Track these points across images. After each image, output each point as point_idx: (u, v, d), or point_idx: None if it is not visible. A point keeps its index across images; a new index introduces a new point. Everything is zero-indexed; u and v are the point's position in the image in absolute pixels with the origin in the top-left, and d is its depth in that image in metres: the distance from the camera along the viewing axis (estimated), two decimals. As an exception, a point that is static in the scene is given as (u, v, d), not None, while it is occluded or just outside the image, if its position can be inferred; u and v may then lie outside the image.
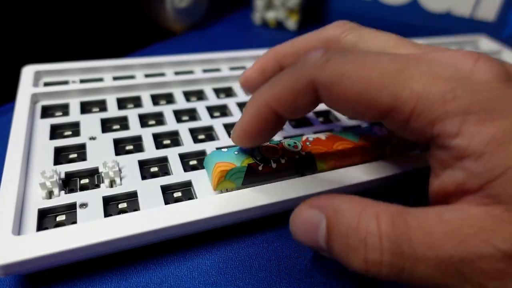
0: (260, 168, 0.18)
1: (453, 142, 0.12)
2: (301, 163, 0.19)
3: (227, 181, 0.17)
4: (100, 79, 0.26)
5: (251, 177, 0.18)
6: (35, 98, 0.23)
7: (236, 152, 0.18)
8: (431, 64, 0.13)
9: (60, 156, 0.20)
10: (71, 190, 0.18)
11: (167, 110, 0.24)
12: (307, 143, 0.19)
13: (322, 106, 0.26)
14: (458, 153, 0.12)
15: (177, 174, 0.19)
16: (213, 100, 0.25)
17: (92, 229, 0.15)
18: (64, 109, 0.23)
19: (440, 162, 0.13)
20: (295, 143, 0.19)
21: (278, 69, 0.19)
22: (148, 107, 0.24)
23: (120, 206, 0.18)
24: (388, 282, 0.12)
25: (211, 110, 0.25)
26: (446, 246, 0.11)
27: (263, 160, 0.18)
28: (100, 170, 0.19)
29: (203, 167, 0.19)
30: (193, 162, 0.21)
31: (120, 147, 0.21)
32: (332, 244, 0.13)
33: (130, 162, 0.19)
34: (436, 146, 0.13)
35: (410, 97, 0.13)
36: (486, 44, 0.38)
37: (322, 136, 0.20)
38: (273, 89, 0.15)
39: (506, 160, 0.11)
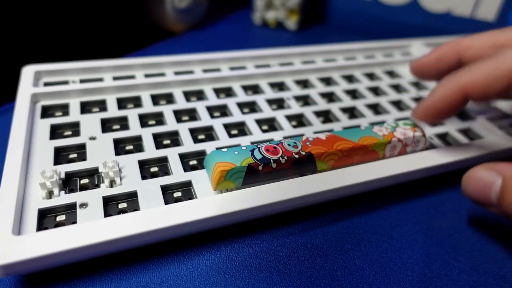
0: (260, 168, 0.18)
1: None
2: (301, 163, 0.19)
3: (227, 181, 0.17)
4: (100, 79, 0.26)
5: (251, 177, 0.18)
6: (35, 98, 0.23)
7: (236, 152, 0.18)
8: None
9: (60, 156, 0.20)
10: (71, 190, 0.18)
11: (167, 110, 0.24)
12: (307, 143, 0.19)
13: (322, 107, 0.26)
14: None
15: (177, 174, 0.19)
16: (213, 100, 0.25)
17: (92, 229, 0.15)
18: (64, 109, 0.23)
19: None
20: (295, 143, 0.19)
21: (456, 59, 0.21)
22: (148, 107, 0.24)
23: (120, 206, 0.18)
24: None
25: (211, 110, 0.25)
26: None
27: (263, 160, 0.18)
28: (100, 170, 0.19)
29: (203, 167, 0.19)
30: (193, 162, 0.21)
31: (120, 147, 0.21)
32: (504, 200, 0.15)
33: (130, 162, 0.19)
34: None
35: None
36: (486, 44, 0.38)
37: (322, 136, 0.20)
38: (471, 74, 0.17)
39: None
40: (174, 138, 0.22)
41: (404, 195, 0.22)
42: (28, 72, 0.25)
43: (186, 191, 0.19)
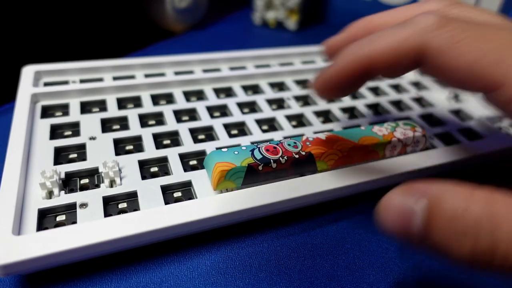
0: (260, 168, 0.18)
1: None
2: (301, 163, 0.19)
3: (227, 181, 0.17)
4: (100, 79, 0.26)
5: (251, 177, 0.18)
6: (35, 98, 0.23)
7: (236, 152, 0.18)
8: None
9: (60, 156, 0.20)
10: (71, 190, 0.18)
11: (167, 110, 0.24)
12: (307, 143, 0.19)
13: (322, 107, 0.26)
14: None
15: (177, 174, 0.19)
16: (213, 100, 0.25)
17: (92, 229, 0.15)
18: (64, 109, 0.23)
19: None
20: (295, 143, 0.19)
21: None
22: (148, 107, 0.24)
23: (120, 206, 0.18)
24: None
25: (211, 110, 0.25)
26: None
27: (263, 160, 0.18)
28: (100, 170, 0.19)
29: (203, 167, 0.19)
30: (193, 162, 0.21)
31: (120, 147, 0.21)
32: (431, 231, 0.11)
33: (130, 162, 0.19)
34: None
35: None
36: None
37: (322, 136, 0.20)
38: (375, 44, 0.14)
39: None
40: (174, 138, 0.22)
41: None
42: (28, 72, 0.25)
43: (186, 191, 0.19)
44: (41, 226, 0.16)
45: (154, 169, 0.20)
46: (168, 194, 0.18)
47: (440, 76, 0.14)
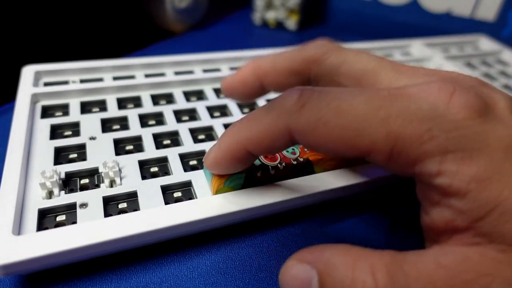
0: (258, 174, 0.18)
1: (436, 181, 0.12)
2: (299, 169, 0.19)
3: (226, 188, 0.17)
4: (100, 79, 0.26)
5: (249, 184, 0.18)
6: (35, 98, 0.23)
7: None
8: (407, 102, 0.13)
9: (60, 156, 0.20)
10: (71, 190, 0.18)
11: (167, 110, 0.24)
12: (305, 149, 0.19)
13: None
14: (443, 191, 0.12)
15: (177, 174, 0.19)
16: (213, 100, 0.25)
17: (92, 229, 0.15)
18: (64, 109, 0.23)
19: (428, 199, 0.13)
20: (293, 149, 0.19)
21: (258, 84, 0.19)
22: (148, 107, 0.24)
23: (120, 206, 0.18)
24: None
25: (211, 110, 0.25)
26: None
27: (261, 167, 0.18)
28: (100, 170, 0.19)
29: (203, 167, 0.19)
30: (193, 162, 0.21)
31: (120, 147, 0.21)
32: None
33: (130, 162, 0.19)
34: (421, 183, 0.13)
35: (387, 140, 0.12)
36: (486, 44, 0.38)
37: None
38: (250, 132, 0.15)
39: (491, 198, 0.11)
40: (174, 138, 0.22)
41: (404, 195, 0.22)
42: (28, 72, 0.25)
43: (186, 191, 0.19)
44: (41, 226, 0.16)
45: (154, 169, 0.20)
46: (168, 194, 0.18)
47: (317, 151, 0.15)
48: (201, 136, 0.23)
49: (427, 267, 0.12)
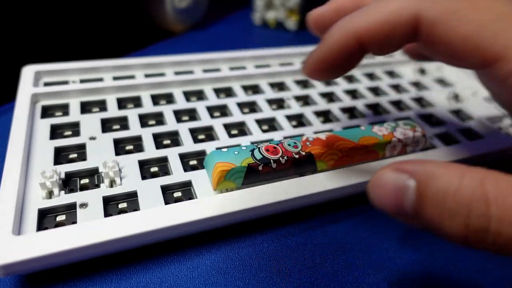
0: (260, 168, 0.18)
1: None
2: (301, 163, 0.19)
3: (227, 181, 0.17)
4: (100, 79, 0.26)
5: (251, 177, 0.18)
6: (35, 98, 0.23)
7: (236, 152, 0.18)
8: None
9: (60, 156, 0.20)
10: (71, 190, 0.18)
11: (167, 110, 0.24)
12: (307, 143, 0.19)
13: (322, 107, 0.26)
14: None
15: (177, 174, 0.19)
16: (213, 100, 0.25)
17: (92, 229, 0.15)
18: (64, 109, 0.23)
19: None
20: (295, 143, 0.19)
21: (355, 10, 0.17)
22: (148, 107, 0.24)
23: (120, 206, 0.18)
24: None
25: (211, 110, 0.25)
26: None
27: (263, 160, 0.18)
28: (100, 170, 0.19)
29: (203, 167, 0.19)
30: (193, 162, 0.21)
31: (120, 147, 0.21)
32: (423, 209, 0.12)
33: (130, 162, 0.19)
34: None
35: None
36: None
37: (322, 136, 0.20)
38: (366, 18, 0.13)
39: None
40: (174, 138, 0.22)
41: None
42: (28, 72, 0.25)
43: (186, 191, 0.19)
44: (41, 226, 0.16)
45: (154, 169, 0.20)
46: (168, 194, 0.18)
47: (435, 50, 0.14)
48: (201, 136, 0.23)
49: None
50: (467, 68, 0.14)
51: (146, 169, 0.20)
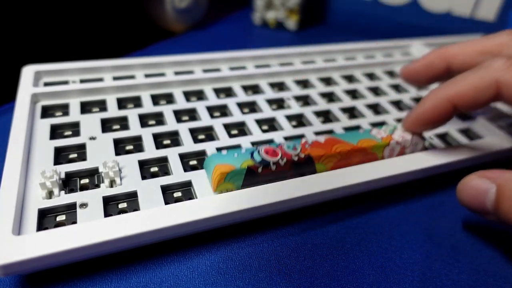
0: (259, 170, 0.18)
1: None
2: (300, 165, 0.19)
3: (227, 183, 0.17)
4: (100, 79, 0.26)
5: (250, 179, 0.18)
6: (35, 98, 0.23)
7: (235, 155, 0.18)
8: None
9: (60, 156, 0.20)
10: (71, 190, 0.18)
11: (167, 110, 0.24)
12: (306, 146, 0.19)
13: (322, 107, 0.26)
14: None
15: (177, 174, 0.19)
16: (213, 100, 0.25)
17: (92, 229, 0.15)
18: (64, 109, 0.23)
19: None
20: (294, 145, 0.19)
21: (444, 66, 0.21)
22: (148, 107, 0.24)
23: (120, 206, 0.18)
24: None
25: (211, 110, 0.25)
26: None
27: (262, 162, 0.18)
28: (100, 170, 0.19)
29: (203, 167, 0.19)
30: (193, 162, 0.21)
31: (120, 147, 0.21)
32: (501, 207, 0.15)
33: (130, 162, 0.19)
34: None
35: None
36: (486, 44, 0.38)
37: (321, 138, 0.20)
38: (455, 86, 0.17)
39: None
40: (174, 138, 0.22)
41: (404, 195, 0.22)
42: (28, 72, 0.25)
43: (186, 191, 0.19)
44: (41, 226, 0.16)
45: (154, 169, 0.20)
46: (168, 194, 0.18)
47: None
48: (201, 136, 0.23)
49: None
50: None
51: (146, 169, 0.20)
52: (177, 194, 0.19)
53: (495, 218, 0.16)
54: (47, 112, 0.23)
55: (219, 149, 0.21)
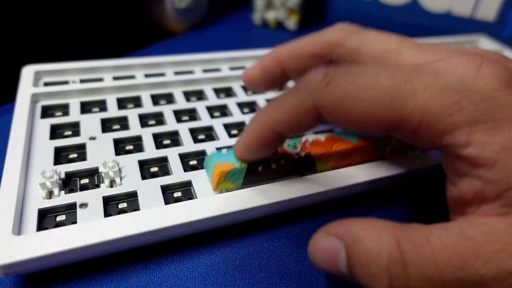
0: (259, 168, 0.18)
1: (465, 152, 0.12)
2: (300, 164, 0.19)
3: (227, 181, 0.17)
4: (100, 79, 0.26)
5: (250, 177, 0.18)
6: (35, 98, 0.23)
7: (236, 152, 0.18)
8: (433, 76, 0.13)
9: (60, 156, 0.20)
10: (71, 190, 0.18)
11: (167, 110, 0.24)
12: (307, 144, 0.19)
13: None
14: (471, 161, 0.12)
15: (177, 174, 0.19)
16: (213, 100, 0.25)
17: (92, 229, 0.15)
18: (64, 109, 0.23)
19: (455, 170, 0.13)
20: (294, 144, 0.19)
21: (279, 70, 0.20)
22: (148, 107, 0.24)
23: (120, 206, 0.18)
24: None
25: (211, 110, 0.25)
26: (475, 266, 0.11)
27: (262, 161, 0.18)
28: (100, 170, 0.19)
29: (203, 167, 0.19)
30: (193, 162, 0.21)
31: (120, 147, 0.21)
32: (354, 272, 0.13)
33: (130, 162, 0.19)
34: (449, 154, 0.13)
35: (415, 112, 0.13)
36: (486, 44, 0.38)
37: (322, 137, 0.20)
38: (276, 113, 0.15)
39: None
40: (174, 138, 0.22)
41: (404, 195, 0.22)
42: (28, 72, 0.25)
43: (186, 191, 0.19)
44: (41, 226, 0.16)
45: (154, 169, 0.20)
46: (168, 194, 0.18)
47: (344, 127, 0.15)
48: (201, 136, 0.23)
49: (453, 239, 0.12)
50: (381, 135, 0.17)
51: (146, 169, 0.20)
52: (177, 194, 0.19)
53: (354, 281, 0.13)
54: (47, 112, 0.23)
55: (219, 149, 0.21)
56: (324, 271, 0.15)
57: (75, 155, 0.20)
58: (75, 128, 0.22)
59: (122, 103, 0.24)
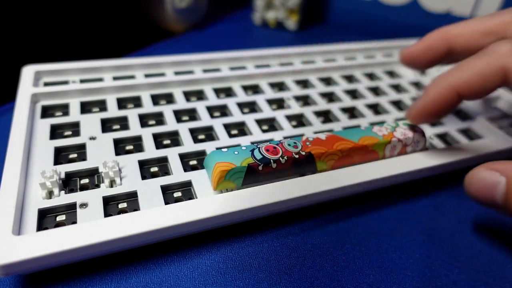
0: (260, 168, 0.18)
1: None
2: (301, 163, 0.19)
3: (227, 181, 0.17)
4: (100, 79, 0.26)
5: (251, 177, 0.18)
6: (35, 98, 0.23)
7: (236, 152, 0.18)
8: None
9: (60, 156, 0.20)
10: (71, 190, 0.18)
11: (167, 110, 0.24)
12: (307, 143, 0.19)
13: (322, 107, 0.26)
14: None
15: (177, 174, 0.19)
16: (213, 100, 0.25)
17: (92, 229, 0.15)
18: (64, 109, 0.23)
19: None
20: (295, 143, 0.19)
21: (446, 48, 0.20)
22: (148, 107, 0.24)
23: (120, 206, 0.18)
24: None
25: (211, 110, 0.25)
26: None
27: (263, 160, 0.18)
28: (100, 170, 0.19)
29: (203, 167, 0.19)
30: (193, 162, 0.21)
31: (120, 147, 0.21)
32: (509, 204, 0.15)
33: (130, 162, 0.19)
34: None
35: None
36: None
37: (322, 136, 0.20)
38: (462, 74, 0.17)
39: None
40: (174, 138, 0.22)
41: (404, 195, 0.22)
42: (28, 72, 0.25)
43: (186, 191, 0.19)
44: (41, 226, 0.16)
45: (154, 169, 0.20)
46: (168, 194, 0.18)
47: None
48: (201, 136, 0.23)
49: None
50: None
51: (146, 169, 0.20)
52: (177, 194, 0.19)
53: (505, 211, 0.16)
54: (47, 112, 0.23)
55: (219, 149, 0.21)
56: (476, 199, 0.16)
57: (75, 155, 0.20)
58: (75, 128, 0.22)
59: (122, 103, 0.24)
